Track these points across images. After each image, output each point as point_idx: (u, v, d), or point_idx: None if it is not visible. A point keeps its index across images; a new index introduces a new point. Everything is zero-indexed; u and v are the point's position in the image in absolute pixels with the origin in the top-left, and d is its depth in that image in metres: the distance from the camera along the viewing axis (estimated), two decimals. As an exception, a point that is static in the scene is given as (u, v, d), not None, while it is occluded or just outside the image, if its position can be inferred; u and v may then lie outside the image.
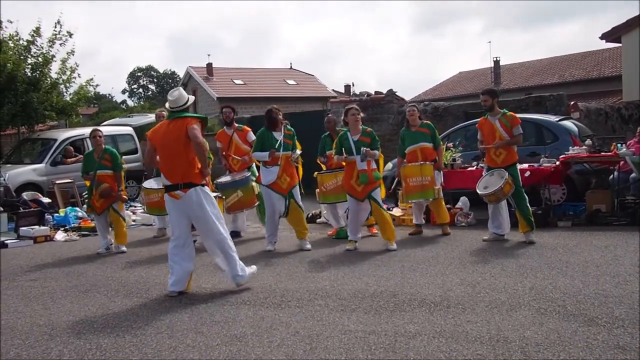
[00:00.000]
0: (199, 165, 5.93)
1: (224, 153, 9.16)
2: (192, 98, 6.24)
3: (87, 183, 9.15)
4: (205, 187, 6.03)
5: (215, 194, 6.65)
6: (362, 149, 7.78)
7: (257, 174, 9.04)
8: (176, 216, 5.99)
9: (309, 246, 8.20)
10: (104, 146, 9.09)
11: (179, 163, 5.87)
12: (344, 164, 8.07)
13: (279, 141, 8.14)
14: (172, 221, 6.08)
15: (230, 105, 9.78)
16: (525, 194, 7.98)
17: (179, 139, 5.84)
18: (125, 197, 9.17)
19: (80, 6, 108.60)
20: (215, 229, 5.94)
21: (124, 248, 8.85)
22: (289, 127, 8.42)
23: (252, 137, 9.09)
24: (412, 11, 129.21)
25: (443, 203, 9.02)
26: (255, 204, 8.94)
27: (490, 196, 7.84)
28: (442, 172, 9.10)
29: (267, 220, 8.45)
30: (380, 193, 8.08)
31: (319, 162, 9.43)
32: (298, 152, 8.26)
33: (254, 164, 9.26)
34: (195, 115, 6.16)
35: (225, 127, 9.30)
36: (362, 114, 8.07)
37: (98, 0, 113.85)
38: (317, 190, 9.10)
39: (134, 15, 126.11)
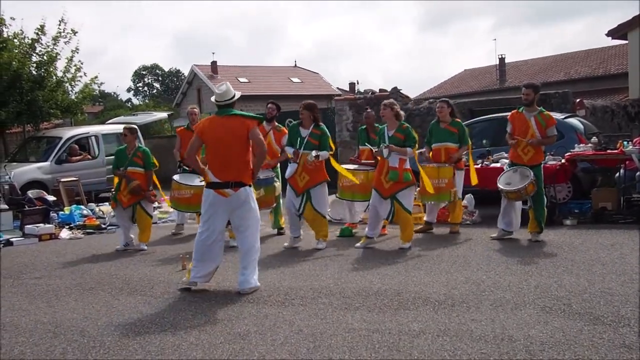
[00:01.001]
0: (252, 167, 5.91)
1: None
2: (238, 94, 6.14)
3: (116, 179, 9.13)
4: (252, 188, 6.00)
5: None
6: (382, 144, 7.70)
7: (280, 176, 8.95)
8: (216, 212, 5.89)
9: (320, 246, 8.11)
10: (137, 144, 9.09)
11: (233, 161, 5.81)
12: (377, 158, 7.95)
13: (304, 139, 8.03)
14: (209, 216, 5.92)
15: (274, 101, 9.50)
16: (544, 197, 7.88)
17: (236, 138, 5.80)
18: (153, 198, 9.13)
19: (87, 5, 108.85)
20: (251, 233, 5.93)
21: (144, 246, 8.80)
22: (321, 126, 8.19)
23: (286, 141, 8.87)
24: (418, 9, 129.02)
25: (460, 203, 8.90)
26: (273, 206, 8.90)
27: (512, 193, 7.69)
28: (463, 171, 8.78)
29: (286, 215, 8.49)
30: (408, 195, 7.79)
31: (355, 158, 9.30)
32: (314, 153, 7.88)
33: (278, 165, 9.15)
34: (253, 115, 6.05)
35: (265, 122, 9.08)
36: (395, 108, 7.83)
37: (104, 0, 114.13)
38: (338, 182, 8.90)
39: (139, 14, 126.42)
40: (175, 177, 9.21)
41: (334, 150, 8.37)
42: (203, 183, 8.96)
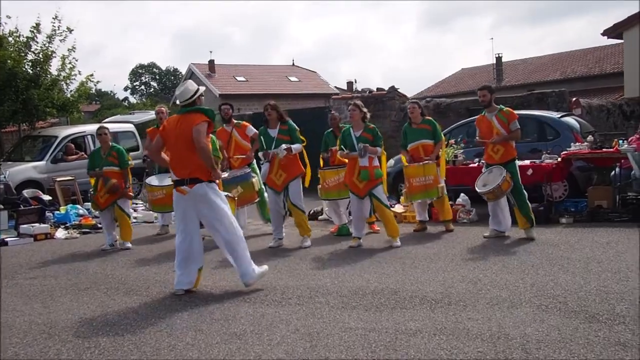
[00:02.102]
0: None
1: (225, 153, 9.14)
2: (201, 89, 6.08)
3: (92, 180, 9.14)
4: (213, 183, 5.95)
5: (225, 193, 6.56)
6: (359, 144, 7.76)
7: (257, 171, 9.04)
8: (183, 212, 5.91)
9: (307, 244, 8.20)
10: (110, 143, 9.10)
11: (186, 158, 5.81)
12: (346, 160, 8.06)
13: (273, 139, 8.16)
14: (179, 217, 6.00)
15: (227, 102, 9.75)
16: (524, 191, 7.93)
17: (186, 135, 5.78)
18: (131, 194, 9.19)
19: (87, 2, 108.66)
20: (223, 227, 5.85)
21: (129, 244, 8.86)
22: (288, 122, 8.31)
23: (252, 130, 9.11)
24: (418, 8, 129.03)
25: (447, 200, 8.98)
26: (256, 200, 8.93)
27: (488, 194, 7.81)
28: (441, 167, 8.90)
29: (270, 216, 8.56)
30: (383, 190, 8.03)
31: (321, 158, 9.39)
32: (284, 146, 8.02)
33: (254, 161, 9.26)
34: (201, 109, 5.95)
35: (224, 125, 9.28)
36: (363, 110, 7.98)
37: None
38: (319, 186, 9.05)
39: (135, 13, 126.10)
40: (148, 180, 9.31)
41: (305, 142, 8.42)
42: None
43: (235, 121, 9.37)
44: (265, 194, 8.90)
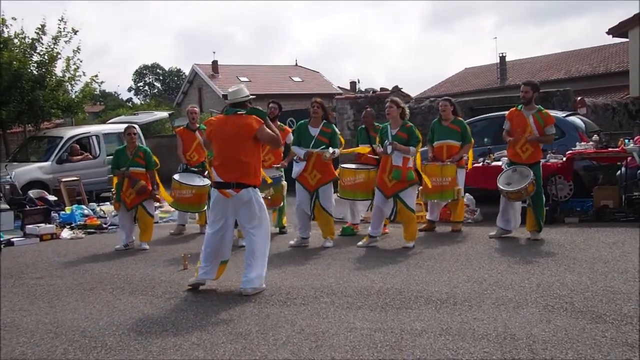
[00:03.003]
0: (257, 168, 5.91)
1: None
2: (252, 96, 6.10)
3: (115, 179, 9.09)
4: (257, 188, 5.94)
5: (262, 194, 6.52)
6: (386, 141, 7.67)
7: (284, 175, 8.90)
8: (222, 210, 5.87)
9: (329, 244, 8.10)
10: (137, 144, 9.08)
11: (236, 162, 5.78)
12: (373, 161, 7.96)
13: (313, 138, 8.04)
14: (216, 213, 5.91)
15: (276, 100, 9.44)
16: (543, 195, 7.85)
17: (239, 138, 5.77)
18: (158, 196, 9.12)
19: (91, 3, 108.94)
20: (257, 234, 5.84)
21: (146, 246, 8.78)
22: (331, 125, 8.16)
23: (290, 138, 8.71)
24: (421, 8, 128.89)
25: (462, 202, 8.86)
26: (280, 204, 8.87)
27: (512, 194, 7.66)
28: (465, 169, 8.79)
29: (297, 214, 8.38)
30: (411, 194, 7.78)
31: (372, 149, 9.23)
32: (331, 150, 7.92)
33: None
34: (255, 111, 5.95)
35: None
36: (401, 106, 7.79)
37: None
38: (339, 181, 8.89)
39: (138, 13, 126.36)
40: (176, 176, 9.17)
41: (343, 145, 8.36)
42: (204, 183, 8.92)
43: (279, 123, 8.85)
44: (285, 200, 8.83)
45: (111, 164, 9.30)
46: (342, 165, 8.86)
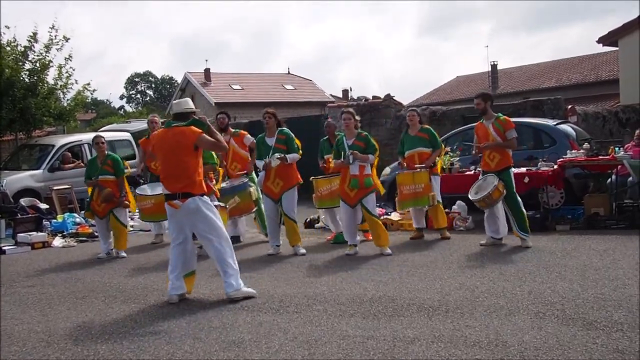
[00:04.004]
0: (200, 177, 5.94)
1: (223, 162, 9.13)
2: (198, 112, 6.23)
3: (89, 189, 9.15)
4: (205, 196, 5.99)
5: (217, 203, 6.60)
6: (348, 151, 7.76)
7: (255, 180, 9.05)
8: (176, 223, 5.97)
9: (302, 251, 8.18)
10: (106, 152, 9.13)
11: (179, 172, 5.84)
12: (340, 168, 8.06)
13: (270, 147, 8.17)
14: (172, 227, 6.05)
15: (224, 111, 9.79)
16: (518, 198, 7.93)
17: (180, 149, 5.83)
18: (127, 202, 9.15)
19: (79, 11, 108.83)
20: (215, 239, 5.88)
21: (123, 253, 8.87)
22: (285, 130, 8.32)
23: (250, 139, 9.13)
24: (415, 16, 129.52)
25: (441, 208, 8.95)
26: (253, 210, 8.94)
27: (480, 202, 7.83)
28: (439, 176, 8.96)
29: (267, 224, 8.55)
30: (373, 199, 7.95)
31: (321, 167, 9.39)
32: (277, 156, 8.01)
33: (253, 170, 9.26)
34: (193, 122, 6.02)
35: (221, 134, 9.27)
36: (356, 118, 7.97)
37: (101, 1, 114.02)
38: (314, 195, 9.06)
39: (131, 20, 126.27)
40: (138, 189, 9.31)
41: (300, 152, 8.44)
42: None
43: (232, 130, 9.39)
44: (262, 204, 8.91)
45: (84, 175, 9.35)
46: (314, 178, 9.02)
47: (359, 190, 7.75)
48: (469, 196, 8.03)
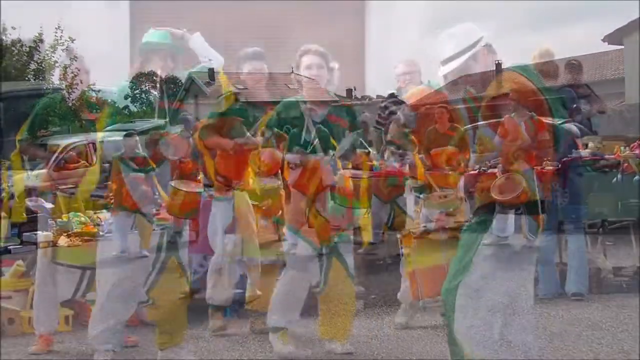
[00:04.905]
0: None
1: None
2: None
3: (114, 185, 9.04)
4: None
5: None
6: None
7: None
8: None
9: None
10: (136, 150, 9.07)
11: None
12: None
13: None
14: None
15: None
16: (538, 201, 7.83)
17: None
18: (159, 201, 9.07)
19: (84, 10, 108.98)
20: None
21: (146, 252, 8.73)
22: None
23: None
24: (419, 15, 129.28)
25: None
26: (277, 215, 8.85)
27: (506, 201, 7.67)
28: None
29: None
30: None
31: None
32: None
33: None
34: None
35: None
36: None
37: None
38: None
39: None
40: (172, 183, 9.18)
41: None
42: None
43: None
44: None
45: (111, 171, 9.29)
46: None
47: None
48: (492, 194, 7.84)
